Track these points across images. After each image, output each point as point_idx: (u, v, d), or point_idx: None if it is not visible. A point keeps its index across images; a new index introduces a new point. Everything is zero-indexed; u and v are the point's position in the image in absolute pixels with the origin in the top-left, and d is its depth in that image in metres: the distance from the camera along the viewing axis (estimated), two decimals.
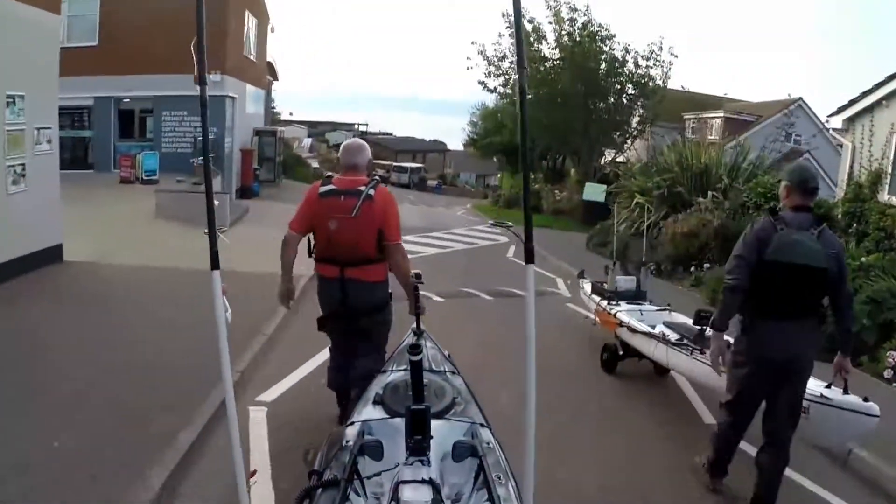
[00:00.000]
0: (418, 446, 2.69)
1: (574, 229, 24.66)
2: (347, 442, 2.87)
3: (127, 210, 15.70)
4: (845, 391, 4.40)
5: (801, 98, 29.46)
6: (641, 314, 7.53)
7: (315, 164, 39.00)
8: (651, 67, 27.66)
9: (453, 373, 3.85)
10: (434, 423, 2.80)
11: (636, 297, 8.22)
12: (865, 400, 4.32)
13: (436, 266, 14.33)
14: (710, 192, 15.77)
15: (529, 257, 2.70)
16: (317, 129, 78.96)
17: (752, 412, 4.54)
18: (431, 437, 2.74)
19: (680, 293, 12.94)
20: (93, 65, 22.19)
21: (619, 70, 27.57)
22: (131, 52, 21.88)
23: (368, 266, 4.70)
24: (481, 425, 3.13)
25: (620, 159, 30.62)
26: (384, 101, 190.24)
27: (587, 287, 9.06)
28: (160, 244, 12.48)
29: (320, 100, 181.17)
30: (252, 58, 26.47)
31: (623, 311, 7.60)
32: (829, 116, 14.72)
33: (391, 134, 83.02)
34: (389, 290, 4.96)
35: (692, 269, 13.88)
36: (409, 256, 4.97)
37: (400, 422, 2.88)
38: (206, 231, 3.00)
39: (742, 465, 4.88)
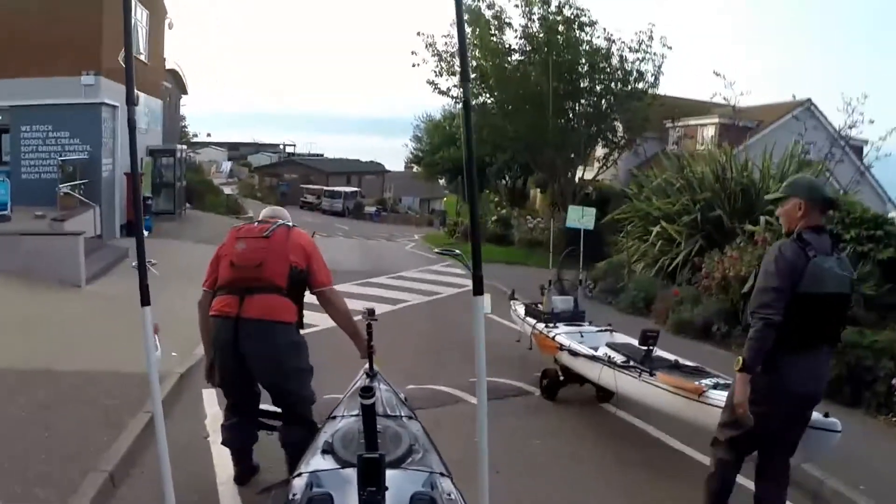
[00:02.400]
0: (372, 499, 2.64)
1: (557, 266, 21.07)
2: (294, 495, 2.83)
3: None
4: None
5: (809, 100, 26.71)
6: (582, 336, 7.60)
7: (228, 191, 34.67)
8: (641, 61, 24.41)
9: (410, 417, 3.80)
10: (389, 473, 2.76)
11: (574, 317, 8.32)
12: (826, 416, 4.48)
13: (387, 336, 10.42)
14: (762, 218, 12.41)
15: (478, 287, 2.61)
16: (238, 152, 77.60)
17: (757, 448, 4.51)
18: (387, 489, 2.68)
19: None
20: None
21: (603, 65, 24.29)
22: None
23: (274, 297, 4.43)
24: (441, 475, 3.08)
25: (603, 177, 27.41)
26: (313, 121, 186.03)
27: (520, 309, 8.91)
28: None
29: (241, 119, 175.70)
30: (142, 58, 22.64)
31: (562, 333, 7.65)
32: None
33: (322, 155, 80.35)
34: (301, 338, 4.68)
35: None
36: None
37: (351, 472, 2.83)
38: (135, 264, 3.15)
39: None
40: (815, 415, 4.44)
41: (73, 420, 5.74)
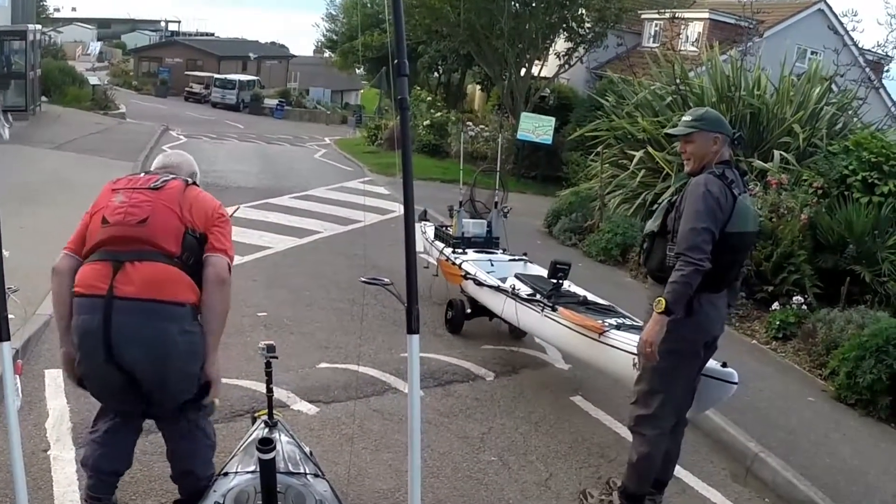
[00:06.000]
0: None
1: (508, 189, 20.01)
2: None
3: None
4: None
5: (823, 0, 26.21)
6: (492, 265, 8.05)
7: (95, 81, 32.41)
8: None
9: (316, 475, 3.70)
10: None
11: (486, 244, 8.74)
12: (724, 366, 4.82)
13: (292, 285, 9.49)
14: (777, 153, 11.45)
15: (413, 325, 2.52)
16: (110, 30, 75.25)
17: (686, 408, 4.84)
18: None
19: (769, 359, 8.77)
20: None
21: None
22: None
23: (162, 267, 3.67)
24: None
25: (566, 78, 26.30)
26: None
27: (429, 232, 9.22)
28: None
29: None
30: None
31: (470, 260, 8.05)
32: None
33: (212, 35, 77.91)
34: (199, 329, 3.79)
35: (773, 302, 9.55)
36: (238, 261, 4.46)
37: None
38: None
39: None
40: (713, 363, 4.83)
41: None
